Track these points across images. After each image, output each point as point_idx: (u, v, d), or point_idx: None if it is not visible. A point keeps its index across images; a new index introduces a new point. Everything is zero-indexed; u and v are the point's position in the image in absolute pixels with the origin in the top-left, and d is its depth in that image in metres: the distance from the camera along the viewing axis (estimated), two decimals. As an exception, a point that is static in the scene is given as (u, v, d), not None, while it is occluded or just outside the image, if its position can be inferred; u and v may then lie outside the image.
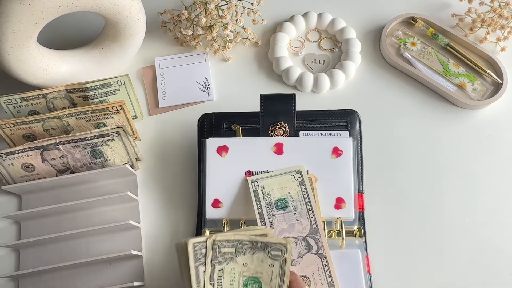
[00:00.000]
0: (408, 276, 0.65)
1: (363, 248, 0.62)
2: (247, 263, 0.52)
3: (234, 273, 0.52)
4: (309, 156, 0.63)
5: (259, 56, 0.79)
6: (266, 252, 0.52)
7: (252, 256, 0.52)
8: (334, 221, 0.62)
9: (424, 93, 0.76)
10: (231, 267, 0.52)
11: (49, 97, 0.68)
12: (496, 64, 0.75)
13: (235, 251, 0.52)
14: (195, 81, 0.77)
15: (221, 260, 0.52)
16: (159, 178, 0.71)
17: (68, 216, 0.67)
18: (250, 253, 0.52)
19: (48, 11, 0.61)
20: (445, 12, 0.81)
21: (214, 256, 0.51)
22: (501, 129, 0.73)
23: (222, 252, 0.52)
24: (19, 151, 0.65)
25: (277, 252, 0.52)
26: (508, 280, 0.65)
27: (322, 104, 0.74)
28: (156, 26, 0.80)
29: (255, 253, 0.52)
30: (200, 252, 0.51)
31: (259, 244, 0.52)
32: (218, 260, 0.51)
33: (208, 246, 0.51)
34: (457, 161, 0.71)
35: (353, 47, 0.77)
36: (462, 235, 0.67)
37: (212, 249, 0.51)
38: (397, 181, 0.70)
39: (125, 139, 0.66)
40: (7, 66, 0.65)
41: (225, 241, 0.51)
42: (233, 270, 0.52)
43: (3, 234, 0.68)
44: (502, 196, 0.69)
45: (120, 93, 0.70)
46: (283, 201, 0.61)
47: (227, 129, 0.68)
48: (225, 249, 0.52)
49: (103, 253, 0.65)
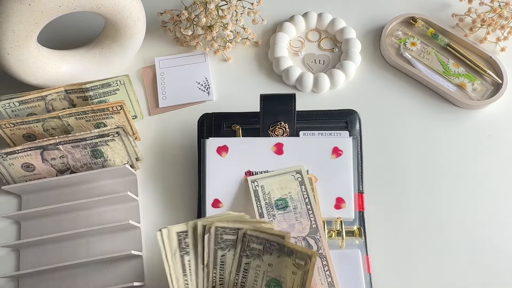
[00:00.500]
0: (408, 276, 0.65)
1: (363, 248, 0.62)
2: (272, 264, 0.52)
3: (259, 270, 0.52)
4: (309, 156, 0.63)
5: (259, 56, 0.79)
6: (291, 258, 0.52)
7: (278, 258, 0.52)
8: (334, 221, 0.62)
9: (424, 93, 0.76)
10: (257, 263, 0.52)
11: (48, 99, 0.68)
12: (496, 64, 0.75)
13: (263, 249, 0.52)
14: (195, 81, 0.77)
15: (248, 254, 0.52)
16: (159, 178, 0.71)
17: (68, 216, 0.67)
18: (276, 255, 0.52)
19: (48, 11, 0.61)
20: (445, 12, 0.81)
21: (243, 249, 0.52)
22: (501, 129, 0.73)
23: (251, 247, 0.52)
24: (19, 151, 0.65)
25: (301, 261, 0.51)
26: (508, 280, 0.65)
27: (322, 104, 0.74)
28: (156, 26, 0.80)
29: (280, 256, 0.52)
30: (184, 241, 0.50)
31: (285, 249, 0.52)
32: (246, 253, 0.52)
33: (239, 238, 0.52)
34: (457, 161, 0.71)
35: (353, 47, 0.77)
36: (462, 235, 0.67)
37: (242, 241, 0.51)
38: (397, 181, 0.70)
39: (125, 139, 0.66)
40: (7, 66, 0.65)
41: (254, 236, 0.51)
42: (259, 267, 0.52)
43: (3, 234, 0.68)
44: (502, 196, 0.69)
45: (119, 93, 0.70)
46: (283, 201, 0.61)
47: (227, 129, 0.68)
48: (254, 244, 0.52)
49: (103, 253, 0.65)
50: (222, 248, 0.52)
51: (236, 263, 0.52)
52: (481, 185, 0.70)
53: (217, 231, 0.52)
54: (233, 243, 0.52)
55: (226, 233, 0.52)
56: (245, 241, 0.52)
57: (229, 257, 0.52)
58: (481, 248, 0.66)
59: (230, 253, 0.52)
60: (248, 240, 0.52)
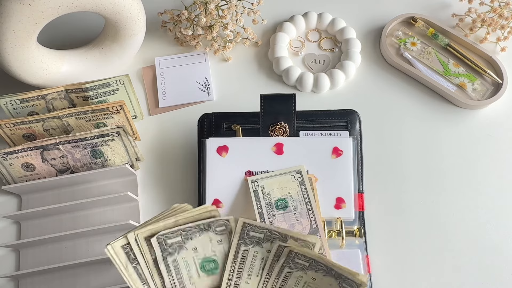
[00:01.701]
0: (408, 276, 0.65)
1: (363, 248, 0.62)
2: (315, 278, 0.52)
3: (300, 279, 0.52)
4: (309, 156, 0.63)
5: (259, 56, 0.79)
6: (338, 281, 0.52)
7: (323, 277, 0.52)
8: (334, 221, 0.62)
9: (424, 93, 0.76)
10: (299, 274, 0.52)
11: (48, 98, 0.68)
12: (496, 64, 0.75)
13: (308, 266, 0.52)
14: (195, 81, 0.77)
15: (292, 266, 0.52)
16: (159, 178, 0.71)
17: (68, 216, 0.67)
18: (322, 274, 0.52)
19: (48, 11, 0.61)
20: (445, 12, 0.81)
21: (286, 261, 0.51)
22: (501, 129, 0.73)
23: (295, 261, 0.52)
24: (19, 150, 0.65)
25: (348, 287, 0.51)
26: (508, 280, 0.65)
27: (322, 104, 0.74)
28: (156, 26, 0.80)
29: (326, 276, 0.52)
30: (132, 253, 0.50)
31: (333, 272, 0.52)
32: (289, 265, 0.52)
33: (284, 253, 0.51)
34: (457, 161, 0.71)
35: (353, 47, 0.77)
36: (462, 235, 0.67)
37: (288, 255, 0.51)
38: (397, 181, 0.70)
39: (125, 139, 0.66)
40: (7, 66, 0.65)
41: (302, 255, 0.52)
42: (301, 277, 0.53)
43: (3, 234, 0.68)
44: (502, 196, 0.69)
45: (119, 93, 0.70)
46: (283, 201, 0.61)
47: (227, 129, 0.68)
48: (300, 260, 0.52)
49: (103, 253, 0.65)
50: (246, 244, 0.52)
51: (277, 270, 0.52)
52: (481, 185, 0.70)
53: (244, 227, 0.52)
54: (258, 241, 0.52)
55: (253, 231, 0.52)
56: (290, 256, 0.52)
57: (253, 254, 0.52)
58: (481, 248, 0.66)
59: (254, 249, 0.52)
60: (294, 256, 0.52)
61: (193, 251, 0.51)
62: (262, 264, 0.52)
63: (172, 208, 0.53)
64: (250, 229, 0.52)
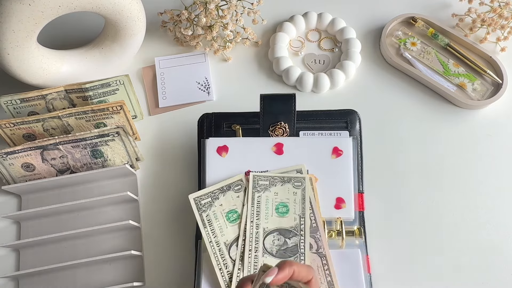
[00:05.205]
0: (408, 276, 0.65)
1: (363, 248, 0.62)
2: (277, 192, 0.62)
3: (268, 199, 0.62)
4: (309, 156, 0.63)
5: (259, 56, 0.79)
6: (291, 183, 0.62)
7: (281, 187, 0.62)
8: (334, 221, 0.62)
9: (424, 93, 0.76)
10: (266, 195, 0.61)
11: (48, 98, 0.68)
12: (496, 64, 0.75)
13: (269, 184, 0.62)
14: (195, 81, 0.77)
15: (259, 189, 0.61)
16: (159, 178, 0.71)
17: (68, 216, 0.67)
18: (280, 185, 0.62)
19: (48, 11, 0.61)
20: (445, 12, 0.81)
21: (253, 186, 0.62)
22: (501, 129, 0.73)
23: (259, 184, 0.62)
24: (19, 150, 0.65)
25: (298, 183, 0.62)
26: (508, 280, 0.65)
27: (322, 104, 0.74)
28: (156, 26, 0.80)
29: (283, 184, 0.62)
30: (200, 204, 0.61)
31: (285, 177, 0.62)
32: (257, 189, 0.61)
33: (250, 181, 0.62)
34: (457, 161, 0.71)
35: (353, 47, 0.77)
36: (462, 235, 0.67)
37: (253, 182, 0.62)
38: (397, 181, 0.70)
39: (125, 139, 0.66)
40: (7, 66, 0.65)
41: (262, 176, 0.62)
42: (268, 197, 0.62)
43: (3, 234, 0.68)
44: (502, 196, 0.69)
45: (119, 93, 0.70)
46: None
47: (227, 129, 0.68)
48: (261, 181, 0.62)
49: (103, 253, 0.65)
50: (258, 191, 0.61)
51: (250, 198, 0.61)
52: (480, 185, 0.70)
53: (254, 179, 0.62)
54: (266, 187, 0.61)
55: (261, 179, 0.61)
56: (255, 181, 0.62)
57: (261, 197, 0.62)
58: (481, 248, 0.66)
59: (265, 194, 0.61)
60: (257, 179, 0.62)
61: (220, 206, 0.61)
62: None
63: None
64: (259, 179, 0.61)
